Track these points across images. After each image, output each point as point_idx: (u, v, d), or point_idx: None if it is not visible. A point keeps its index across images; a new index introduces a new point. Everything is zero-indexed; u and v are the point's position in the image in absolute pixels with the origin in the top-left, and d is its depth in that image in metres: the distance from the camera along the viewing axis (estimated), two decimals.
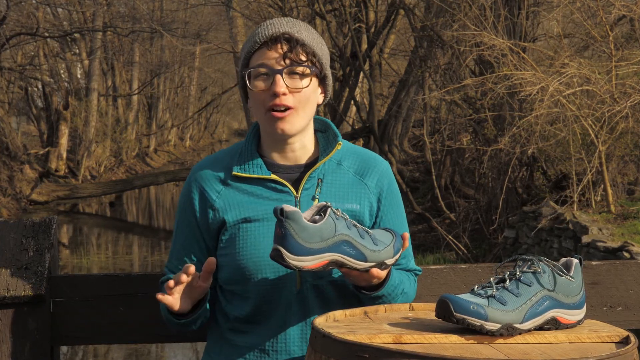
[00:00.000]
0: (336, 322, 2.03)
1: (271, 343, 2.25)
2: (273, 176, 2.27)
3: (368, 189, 2.31)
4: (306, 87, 2.24)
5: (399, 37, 21.79)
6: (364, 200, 2.30)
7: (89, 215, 23.61)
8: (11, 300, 2.47)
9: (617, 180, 12.00)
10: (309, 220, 2.06)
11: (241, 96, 2.35)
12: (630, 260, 2.71)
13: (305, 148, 2.31)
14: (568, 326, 2.01)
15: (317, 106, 2.32)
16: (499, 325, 1.90)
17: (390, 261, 2.14)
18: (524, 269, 2.00)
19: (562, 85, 11.34)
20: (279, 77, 2.21)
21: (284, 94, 2.21)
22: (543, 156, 13.27)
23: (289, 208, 2.02)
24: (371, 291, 2.20)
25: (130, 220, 23.40)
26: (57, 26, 26.69)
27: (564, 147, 12.22)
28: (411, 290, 2.33)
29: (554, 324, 1.98)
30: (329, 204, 2.08)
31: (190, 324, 2.28)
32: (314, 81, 2.27)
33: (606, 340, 1.96)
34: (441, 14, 15.23)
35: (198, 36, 27.45)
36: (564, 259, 2.09)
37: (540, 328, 1.97)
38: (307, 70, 2.24)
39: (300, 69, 2.23)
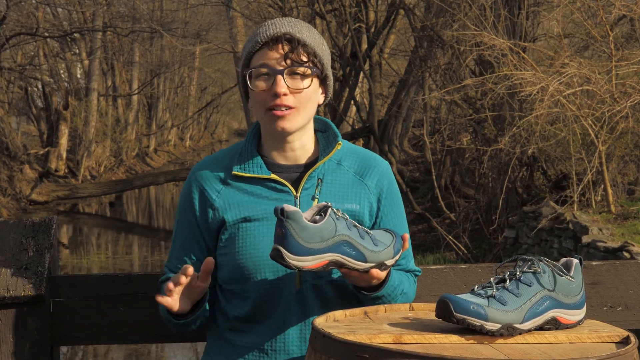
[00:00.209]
0: (336, 322, 2.03)
1: (270, 343, 2.25)
2: (273, 176, 2.27)
3: (368, 189, 2.31)
4: (307, 87, 2.24)
5: (399, 37, 21.78)
6: (364, 200, 2.30)
7: (88, 215, 23.60)
8: (11, 300, 2.47)
9: (617, 180, 11.99)
10: (309, 220, 2.05)
11: (241, 96, 2.36)
12: (630, 261, 2.71)
13: (305, 148, 2.31)
14: (568, 326, 2.01)
15: (318, 106, 2.32)
16: (499, 326, 1.90)
17: (390, 262, 2.13)
18: (524, 269, 2.00)
19: (562, 85, 11.33)
20: (280, 77, 2.21)
21: (285, 94, 2.22)
22: (543, 156, 13.26)
23: (290, 208, 2.02)
24: (371, 292, 2.20)
25: (130, 220, 23.39)
26: (57, 26, 26.68)
27: (564, 147, 12.22)
28: (411, 290, 2.33)
29: (554, 324, 1.98)
30: (330, 204, 2.08)
31: (189, 324, 2.29)
32: (314, 81, 2.27)
33: (606, 341, 1.96)
34: (441, 14, 15.22)
35: (198, 36, 27.44)
36: (564, 259, 2.08)
37: (541, 328, 1.97)
38: (308, 70, 2.24)
39: (302, 69, 2.23)
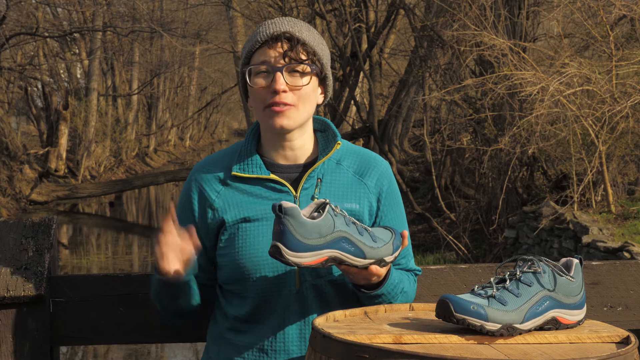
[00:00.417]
0: (336, 322, 2.03)
1: (270, 342, 2.24)
2: (272, 176, 2.27)
3: (367, 188, 2.31)
4: (306, 84, 2.24)
5: (399, 37, 21.78)
6: (364, 199, 2.30)
7: (88, 215, 23.60)
8: (11, 300, 2.47)
9: (618, 180, 11.99)
10: (307, 217, 2.05)
11: (241, 95, 2.36)
12: (630, 261, 2.71)
13: (304, 147, 2.31)
14: (568, 326, 2.01)
15: (317, 106, 2.32)
16: (499, 326, 1.90)
17: (389, 258, 2.13)
18: (524, 269, 1.99)
19: (562, 85, 11.33)
20: (279, 74, 2.22)
21: (284, 91, 2.22)
22: (543, 156, 13.26)
23: (288, 204, 2.02)
24: (370, 290, 2.19)
25: (130, 220, 23.39)
26: (57, 26, 26.66)
27: (565, 147, 12.21)
28: (411, 289, 2.32)
29: (554, 324, 1.98)
30: (328, 201, 2.08)
31: (177, 295, 2.24)
32: (313, 80, 2.27)
33: (606, 341, 1.96)
34: (441, 14, 15.22)
35: (198, 36, 27.44)
36: (564, 259, 2.08)
37: (541, 328, 1.97)
38: (308, 68, 2.25)
39: (301, 67, 2.24)
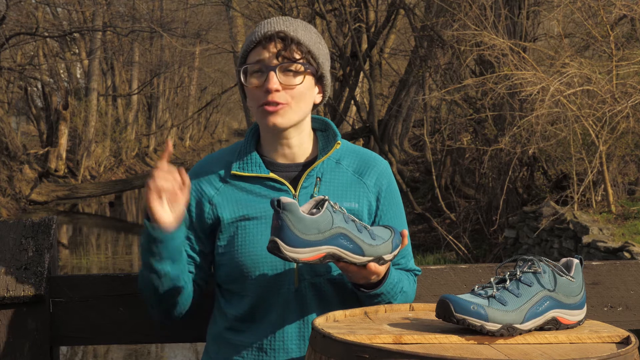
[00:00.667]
0: (336, 323, 2.03)
1: (269, 341, 2.24)
2: (272, 174, 2.27)
3: (367, 188, 2.31)
4: (299, 84, 2.24)
5: (399, 37, 21.78)
6: (363, 199, 2.30)
7: (88, 215, 23.60)
8: (10, 300, 2.46)
9: (618, 180, 11.99)
10: (306, 213, 2.05)
11: (241, 95, 2.36)
12: (630, 261, 2.70)
13: (303, 147, 2.31)
14: (568, 326, 2.00)
15: (316, 106, 2.32)
16: (500, 326, 1.90)
17: (388, 257, 2.12)
18: (525, 269, 1.99)
19: (562, 85, 11.33)
20: (272, 73, 2.22)
21: (277, 90, 2.22)
22: (544, 156, 13.26)
23: (286, 200, 2.02)
24: (369, 289, 2.19)
25: (130, 220, 23.39)
26: (57, 26, 26.66)
27: (565, 147, 12.21)
28: (410, 289, 2.32)
29: (555, 324, 1.98)
30: (327, 197, 2.08)
31: (167, 257, 2.18)
32: (308, 79, 2.26)
33: (607, 341, 1.96)
34: (441, 14, 15.22)
35: (198, 36, 27.44)
36: (564, 259, 2.08)
37: (541, 328, 1.97)
38: (301, 67, 2.24)
39: (294, 66, 2.23)
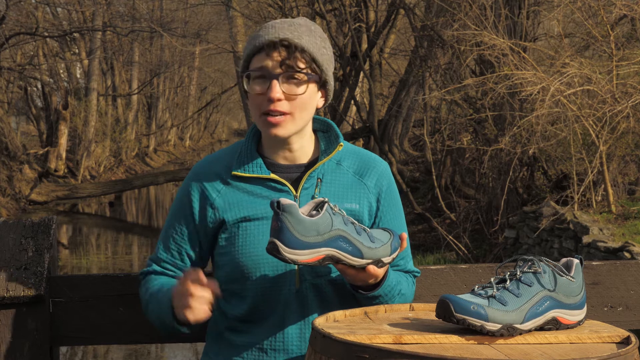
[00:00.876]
0: (336, 323, 2.02)
1: (269, 342, 2.24)
2: (272, 175, 2.27)
3: (367, 189, 2.31)
4: (302, 94, 2.23)
5: (399, 37, 21.78)
6: (363, 200, 2.30)
7: (88, 215, 23.59)
8: (10, 300, 2.46)
9: (618, 180, 11.99)
10: (306, 215, 2.05)
11: (241, 95, 2.37)
12: (631, 261, 2.70)
13: (304, 148, 2.31)
14: (569, 326, 2.00)
15: (318, 109, 2.31)
16: (500, 326, 1.90)
17: (387, 259, 2.12)
18: (525, 269, 1.99)
19: (563, 85, 11.33)
20: (275, 82, 2.20)
21: (280, 99, 2.20)
22: (544, 156, 13.25)
23: (286, 201, 2.01)
24: (368, 291, 2.19)
25: (130, 220, 23.38)
26: (57, 26, 26.65)
27: (565, 147, 12.21)
28: (409, 291, 2.32)
29: (555, 324, 1.98)
30: (327, 199, 2.07)
31: (190, 327, 2.26)
32: (311, 87, 2.25)
33: (607, 341, 1.95)
34: (441, 14, 15.22)
35: (198, 36, 27.43)
36: (564, 259, 2.08)
37: (541, 328, 1.97)
38: (305, 77, 2.22)
39: (298, 75, 2.22)
